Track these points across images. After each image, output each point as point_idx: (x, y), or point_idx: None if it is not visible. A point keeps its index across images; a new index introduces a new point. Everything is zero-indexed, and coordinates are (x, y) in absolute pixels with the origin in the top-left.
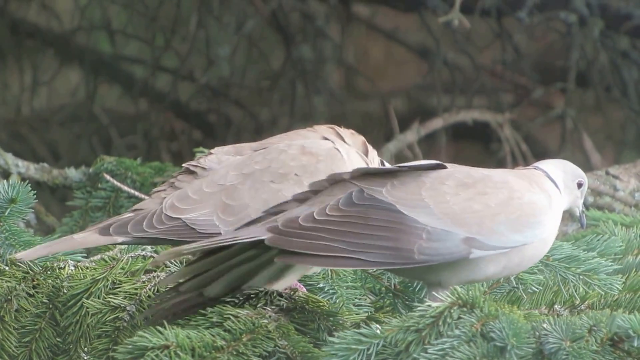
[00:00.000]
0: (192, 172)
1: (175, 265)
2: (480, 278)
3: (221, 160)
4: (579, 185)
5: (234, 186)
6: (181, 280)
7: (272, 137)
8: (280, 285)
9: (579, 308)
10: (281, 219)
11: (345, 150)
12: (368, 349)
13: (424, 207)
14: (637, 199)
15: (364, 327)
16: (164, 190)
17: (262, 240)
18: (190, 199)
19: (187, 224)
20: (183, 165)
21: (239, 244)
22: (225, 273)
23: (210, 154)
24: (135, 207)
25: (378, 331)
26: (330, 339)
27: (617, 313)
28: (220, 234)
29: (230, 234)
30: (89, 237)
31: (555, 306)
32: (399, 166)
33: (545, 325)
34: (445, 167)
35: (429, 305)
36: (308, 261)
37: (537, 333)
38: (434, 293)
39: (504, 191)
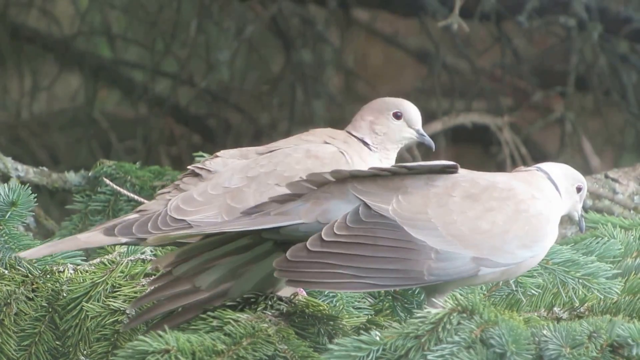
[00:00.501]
0: (197, 175)
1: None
2: (478, 284)
3: (227, 163)
4: (578, 189)
5: (239, 189)
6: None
7: (277, 141)
8: (284, 292)
9: (578, 310)
10: (289, 251)
11: (349, 155)
12: (367, 356)
13: (431, 229)
14: (636, 202)
15: (364, 334)
16: (169, 192)
17: (252, 232)
18: (195, 201)
19: (192, 226)
20: (188, 167)
21: (230, 233)
22: (217, 260)
23: (216, 156)
24: (140, 208)
25: (377, 338)
26: (330, 345)
27: (617, 320)
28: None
29: (220, 224)
30: (93, 237)
31: (555, 308)
32: (401, 166)
33: (545, 332)
34: (454, 168)
35: (429, 312)
36: (317, 286)
37: (537, 339)
38: (432, 299)
39: (510, 204)
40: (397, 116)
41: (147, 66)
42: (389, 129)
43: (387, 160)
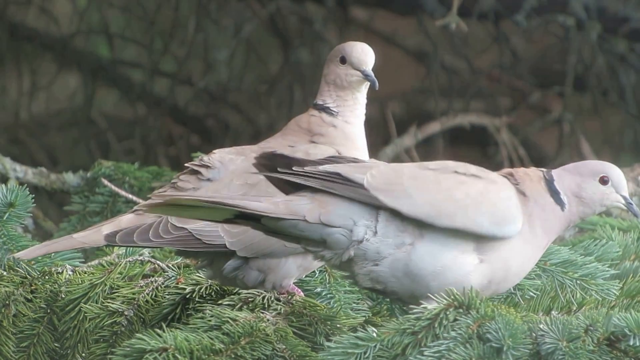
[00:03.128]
0: (195, 172)
1: (173, 270)
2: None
3: (224, 159)
4: (604, 181)
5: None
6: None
7: (269, 139)
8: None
9: (575, 314)
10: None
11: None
12: (365, 353)
13: (406, 197)
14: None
15: (361, 331)
16: (165, 191)
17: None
18: None
19: (193, 234)
20: (186, 164)
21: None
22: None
23: (213, 153)
24: (136, 207)
25: (374, 334)
26: (327, 343)
27: (614, 312)
28: (224, 245)
29: (229, 197)
30: (89, 236)
31: (552, 312)
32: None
33: (541, 326)
34: None
35: (425, 308)
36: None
37: (534, 334)
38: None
39: (481, 183)
40: (342, 60)
41: (145, 65)
42: (336, 75)
43: (350, 125)
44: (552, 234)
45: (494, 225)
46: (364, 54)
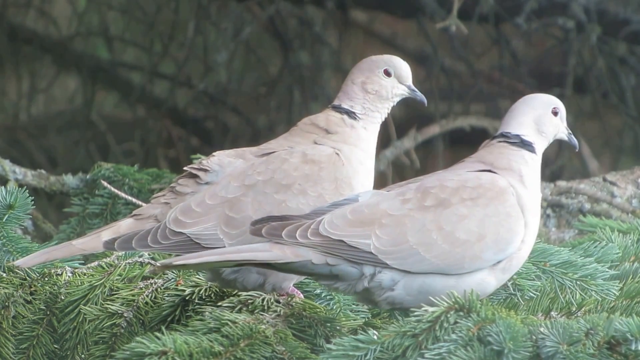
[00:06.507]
0: (193, 176)
1: (173, 273)
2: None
3: (223, 163)
4: (555, 113)
5: (237, 198)
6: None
7: (271, 141)
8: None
9: (575, 315)
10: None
11: (344, 154)
12: (365, 355)
13: (415, 255)
14: (634, 206)
15: (361, 333)
16: (164, 195)
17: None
18: (193, 212)
19: (191, 238)
20: (185, 168)
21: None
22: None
23: (212, 156)
24: (135, 212)
25: (375, 337)
26: (328, 345)
27: (615, 316)
28: (224, 247)
29: (236, 251)
30: (88, 243)
31: (552, 313)
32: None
33: (542, 329)
34: None
35: (426, 310)
36: None
37: (534, 337)
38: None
39: (480, 209)
40: (388, 73)
41: (144, 68)
42: (380, 87)
43: (367, 131)
44: (539, 175)
45: (500, 252)
46: (409, 70)
